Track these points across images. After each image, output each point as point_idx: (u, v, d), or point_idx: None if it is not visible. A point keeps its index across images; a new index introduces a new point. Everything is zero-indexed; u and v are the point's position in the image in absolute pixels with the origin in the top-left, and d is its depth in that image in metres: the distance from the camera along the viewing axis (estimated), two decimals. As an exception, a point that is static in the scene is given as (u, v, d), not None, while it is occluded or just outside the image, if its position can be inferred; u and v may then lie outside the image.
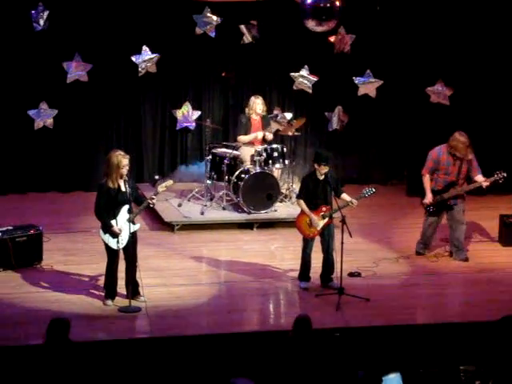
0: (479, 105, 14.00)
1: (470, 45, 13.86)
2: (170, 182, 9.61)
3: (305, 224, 9.98)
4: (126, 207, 9.31)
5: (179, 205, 12.57)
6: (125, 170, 9.21)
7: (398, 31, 13.89)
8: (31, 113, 13.30)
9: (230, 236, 11.88)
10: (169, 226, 12.03)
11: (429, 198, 10.83)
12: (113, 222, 9.28)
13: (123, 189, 9.27)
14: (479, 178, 10.78)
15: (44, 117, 13.36)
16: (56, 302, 9.45)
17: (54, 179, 13.57)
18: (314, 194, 9.96)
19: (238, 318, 9.42)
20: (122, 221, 9.30)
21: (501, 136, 14.05)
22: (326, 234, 9.97)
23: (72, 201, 13.24)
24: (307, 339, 7.90)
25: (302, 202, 10.01)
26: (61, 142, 13.49)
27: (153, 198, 9.38)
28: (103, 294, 9.53)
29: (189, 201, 12.70)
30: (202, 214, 12.23)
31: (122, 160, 9.19)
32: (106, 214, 9.26)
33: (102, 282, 9.75)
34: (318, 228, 9.94)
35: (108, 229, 9.28)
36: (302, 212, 10.01)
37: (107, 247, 9.40)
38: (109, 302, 9.42)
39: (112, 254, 9.37)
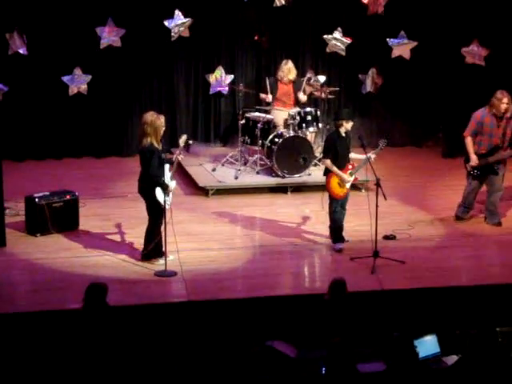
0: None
1: (505, 3, 13.66)
2: (183, 137, 9.73)
3: (336, 184, 9.99)
4: (167, 166, 9.52)
5: (213, 169, 12.60)
6: (163, 131, 9.45)
7: (432, -9, 13.73)
8: (65, 79, 13.34)
9: (264, 200, 11.89)
10: (203, 191, 12.07)
11: (473, 160, 10.59)
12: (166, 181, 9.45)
13: (161, 149, 9.46)
14: None
15: (78, 82, 13.40)
16: (93, 266, 9.54)
17: (88, 145, 13.63)
18: (341, 153, 9.97)
19: (274, 282, 9.45)
20: (167, 179, 9.49)
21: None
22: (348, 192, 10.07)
23: (106, 166, 13.32)
24: (343, 302, 7.92)
25: (329, 161, 9.99)
26: (95, 107, 13.53)
27: (180, 154, 9.64)
28: (150, 254, 9.54)
29: (223, 165, 12.71)
30: (236, 178, 12.25)
31: (162, 121, 9.43)
32: (159, 175, 9.40)
33: (138, 245, 9.84)
34: (348, 186, 9.97)
35: (165, 188, 9.38)
36: (330, 173, 9.99)
37: (156, 208, 9.41)
38: (160, 260, 9.48)
39: (161, 213, 9.41)
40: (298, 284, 9.57)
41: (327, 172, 10.05)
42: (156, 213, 9.50)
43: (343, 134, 9.99)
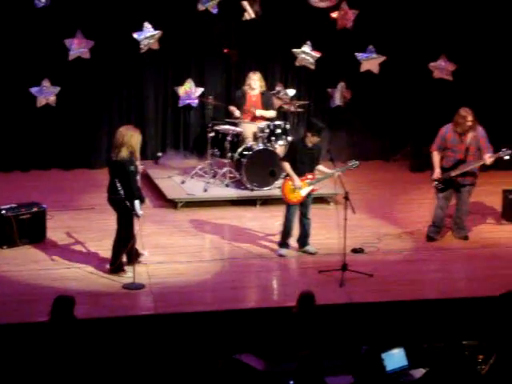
0: (482, 80, 13.97)
1: (472, 19, 13.81)
2: None
3: (288, 189, 10.13)
4: (138, 177, 9.69)
5: (182, 182, 12.58)
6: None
7: (400, 6, 13.83)
8: (33, 90, 13.27)
9: (233, 213, 11.89)
10: (172, 204, 12.04)
11: (436, 173, 10.71)
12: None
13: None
14: (486, 155, 10.56)
15: (46, 94, 13.34)
16: (60, 279, 9.48)
17: (56, 157, 13.56)
18: (301, 161, 10.10)
19: (242, 295, 9.45)
20: None
21: (504, 112, 14.01)
22: (307, 201, 10.16)
23: (75, 178, 13.25)
24: (311, 315, 7.93)
25: (286, 164, 10.14)
26: (63, 119, 13.47)
27: (142, 165, 9.92)
28: (119, 267, 9.55)
29: (192, 178, 12.70)
30: (205, 191, 12.24)
31: (139, 137, 9.61)
32: (139, 188, 9.60)
33: (105, 258, 9.80)
34: (302, 194, 10.06)
35: (142, 201, 9.57)
36: (286, 177, 10.14)
37: (131, 218, 9.48)
38: (129, 273, 9.50)
39: (133, 223, 9.55)
40: (266, 297, 9.57)
41: (286, 176, 10.24)
42: (127, 224, 9.50)
43: (309, 145, 10.05)
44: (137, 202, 9.43)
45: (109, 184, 9.59)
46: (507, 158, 10.69)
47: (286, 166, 10.14)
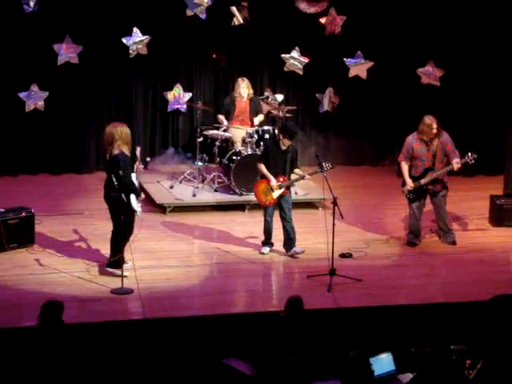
0: (470, 86, 14.02)
1: (460, 25, 13.87)
2: (138, 149, 9.93)
3: (262, 191, 10.33)
4: (134, 174, 9.64)
5: (171, 187, 12.59)
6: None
7: (388, 12, 13.88)
8: (22, 95, 13.26)
9: (222, 218, 11.90)
10: (161, 208, 12.05)
11: (409, 183, 10.71)
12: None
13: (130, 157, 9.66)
14: (454, 161, 10.58)
15: (35, 99, 13.32)
16: (48, 284, 9.46)
17: (44, 161, 13.54)
18: (274, 163, 10.25)
19: (230, 300, 9.46)
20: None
21: (491, 117, 14.07)
22: (283, 204, 10.25)
23: (63, 183, 13.24)
24: (299, 320, 7.95)
25: (261, 165, 10.34)
26: (52, 124, 13.45)
27: (139, 164, 9.83)
28: (117, 262, 9.54)
29: (180, 183, 12.71)
30: (194, 195, 12.25)
31: (128, 130, 9.61)
32: (134, 182, 9.56)
33: (94, 263, 9.79)
34: (274, 197, 10.14)
35: (138, 195, 9.53)
36: (261, 179, 10.31)
37: (129, 214, 9.50)
38: (118, 272, 9.52)
39: (133, 222, 9.63)
40: (254, 302, 9.58)
41: (261, 177, 10.38)
42: (127, 219, 9.53)
43: (283, 147, 10.12)
44: (133, 197, 9.47)
45: (105, 181, 9.63)
46: (471, 162, 10.66)
47: (261, 166, 10.32)
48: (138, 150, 9.89)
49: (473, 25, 13.83)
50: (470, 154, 10.61)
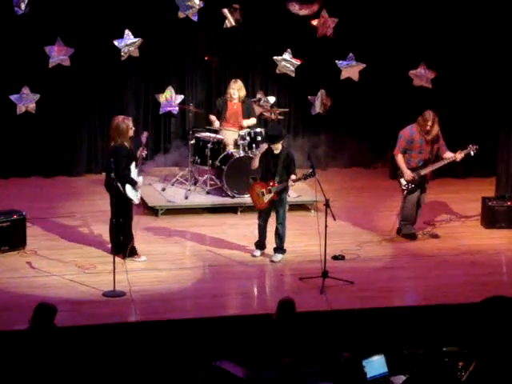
0: (462, 88, 14.04)
1: (452, 27, 13.88)
2: (144, 134, 10.50)
3: (255, 195, 10.41)
4: (133, 163, 10.01)
5: (163, 189, 12.57)
6: (132, 131, 10.12)
7: (380, 14, 13.89)
8: (13, 97, 13.23)
9: (214, 220, 11.89)
10: (153, 211, 12.03)
11: (409, 174, 10.90)
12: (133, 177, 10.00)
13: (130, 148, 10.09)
14: (448, 154, 10.93)
15: (26, 101, 13.30)
16: (41, 287, 9.44)
17: (36, 164, 13.51)
18: (266, 167, 10.30)
19: (223, 302, 9.45)
20: (134, 176, 9.98)
21: (483, 119, 14.08)
22: (276, 207, 10.32)
23: (55, 186, 13.20)
24: (291, 322, 7.94)
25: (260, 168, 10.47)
26: (43, 126, 13.42)
27: (143, 151, 10.30)
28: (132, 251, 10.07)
29: (172, 185, 12.69)
30: (186, 198, 12.24)
31: (130, 123, 10.09)
32: (127, 173, 9.92)
33: (84, 265, 9.77)
34: (265, 200, 10.22)
35: (134, 185, 9.94)
36: (255, 182, 10.46)
37: (127, 205, 9.98)
38: (142, 257, 10.19)
39: (131, 210, 10.14)
40: (246, 304, 9.57)
41: (254, 180, 10.55)
42: (122, 209, 9.94)
43: (275, 151, 10.19)
44: (128, 187, 9.81)
45: (106, 169, 10.05)
46: (472, 153, 10.90)
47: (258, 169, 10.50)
48: (144, 136, 10.31)
49: (465, 27, 13.84)
50: (471, 145, 10.80)
